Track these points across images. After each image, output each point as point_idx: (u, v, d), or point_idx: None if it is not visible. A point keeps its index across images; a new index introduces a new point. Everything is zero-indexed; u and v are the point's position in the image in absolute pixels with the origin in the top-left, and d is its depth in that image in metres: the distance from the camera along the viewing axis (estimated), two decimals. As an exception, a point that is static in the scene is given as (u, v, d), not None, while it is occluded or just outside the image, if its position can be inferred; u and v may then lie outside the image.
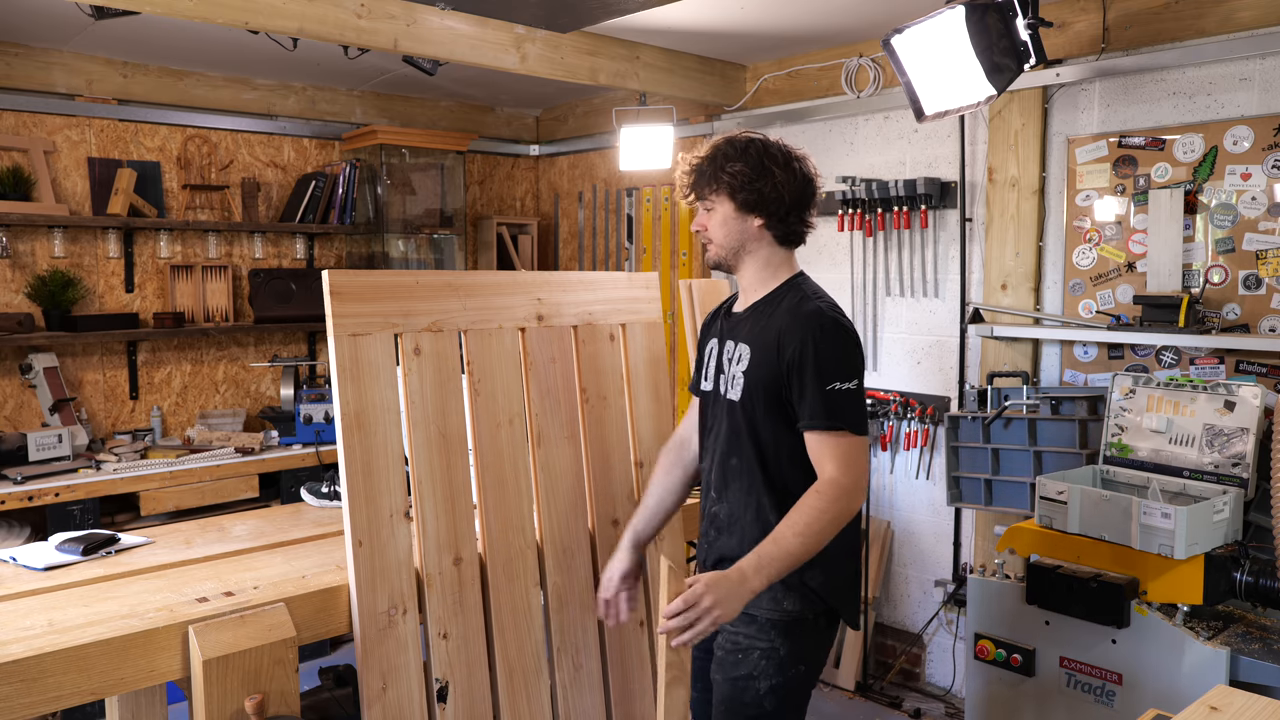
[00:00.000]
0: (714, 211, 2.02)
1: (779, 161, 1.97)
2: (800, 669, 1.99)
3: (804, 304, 1.96)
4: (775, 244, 2.03)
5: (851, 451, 1.88)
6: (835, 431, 1.88)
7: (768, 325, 1.98)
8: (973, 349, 3.66)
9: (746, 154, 1.97)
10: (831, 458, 1.88)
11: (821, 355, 1.89)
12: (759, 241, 2.02)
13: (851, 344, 1.93)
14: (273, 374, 4.65)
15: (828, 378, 1.88)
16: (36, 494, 3.43)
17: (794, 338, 1.91)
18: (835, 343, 1.90)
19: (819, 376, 1.88)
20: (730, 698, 2.01)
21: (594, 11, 3.39)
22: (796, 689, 1.99)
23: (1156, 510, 2.48)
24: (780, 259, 2.05)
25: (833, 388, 1.87)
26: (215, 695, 1.83)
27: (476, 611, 2.23)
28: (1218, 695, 1.73)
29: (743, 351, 2.01)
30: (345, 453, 2.03)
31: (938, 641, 3.87)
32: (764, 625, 1.98)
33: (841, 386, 1.88)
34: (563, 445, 2.45)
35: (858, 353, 1.94)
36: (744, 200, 1.98)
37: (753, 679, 1.98)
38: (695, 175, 2.03)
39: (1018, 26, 2.77)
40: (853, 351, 1.92)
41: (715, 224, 2.03)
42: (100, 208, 4.04)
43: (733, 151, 1.98)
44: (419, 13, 3.25)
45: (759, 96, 4.32)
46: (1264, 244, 2.96)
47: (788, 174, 1.97)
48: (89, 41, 3.82)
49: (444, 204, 4.95)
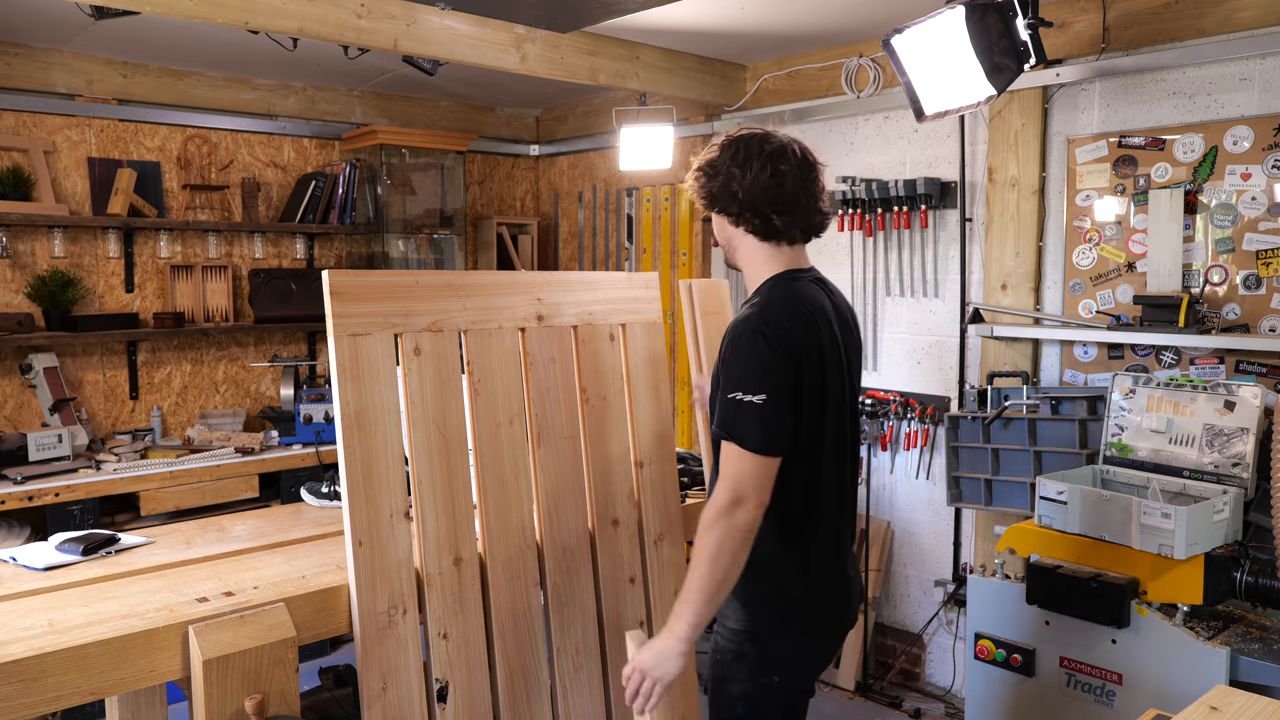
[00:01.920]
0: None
1: (739, 159, 1.92)
2: (774, 679, 1.96)
3: (748, 309, 1.90)
4: (756, 240, 1.98)
5: (737, 465, 1.80)
6: (729, 441, 1.82)
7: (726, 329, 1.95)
8: (973, 349, 3.66)
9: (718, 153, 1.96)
10: (722, 465, 1.83)
11: (731, 361, 1.84)
12: (739, 238, 2.00)
13: (764, 355, 1.81)
14: (273, 374, 4.65)
15: (730, 384, 1.83)
16: (36, 494, 3.43)
17: (722, 344, 1.90)
18: (745, 351, 1.83)
19: (725, 380, 1.84)
20: (711, 697, 2.06)
21: (594, 11, 3.39)
22: (770, 699, 1.96)
23: (1156, 510, 2.48)
24: (764, 255, 1.98)
25: (733, 397, 1.81)
26: (215, 695, 1.83)
27: (476, 611, 2.23)
28: (1218, 695, 1.73)
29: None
30: (345, 453, 2.03)
31: (938, 641, 3.87)
32: (735, 632, 2.00)
33: (740, 397, 1.80)
34: (563, 445, 2.45)
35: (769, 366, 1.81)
36: (705, 199, 1.98)
37: (726, 681, 2.00)
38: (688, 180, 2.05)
39: (1018, 26, 2.77)
40: (760, 363, 1.81)
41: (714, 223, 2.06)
42: (100, 208, 4.04)
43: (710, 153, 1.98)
44: (419, 13, 3.25)
45: (759, 96, 4.32)
46: (1264, 244, 2.96)
47: (744, 170, 1.91)
48: (89, 41, 3.82)
49: (444, 204, 4.95)
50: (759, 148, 1.92)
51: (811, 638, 2.00)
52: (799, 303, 1.91)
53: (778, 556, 1.95)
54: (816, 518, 1.98)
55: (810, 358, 1.87)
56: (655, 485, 2.66)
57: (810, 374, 1.87)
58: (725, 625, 2.03)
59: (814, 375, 1.88)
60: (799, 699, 2.08)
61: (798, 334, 1.85)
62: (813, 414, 1.90)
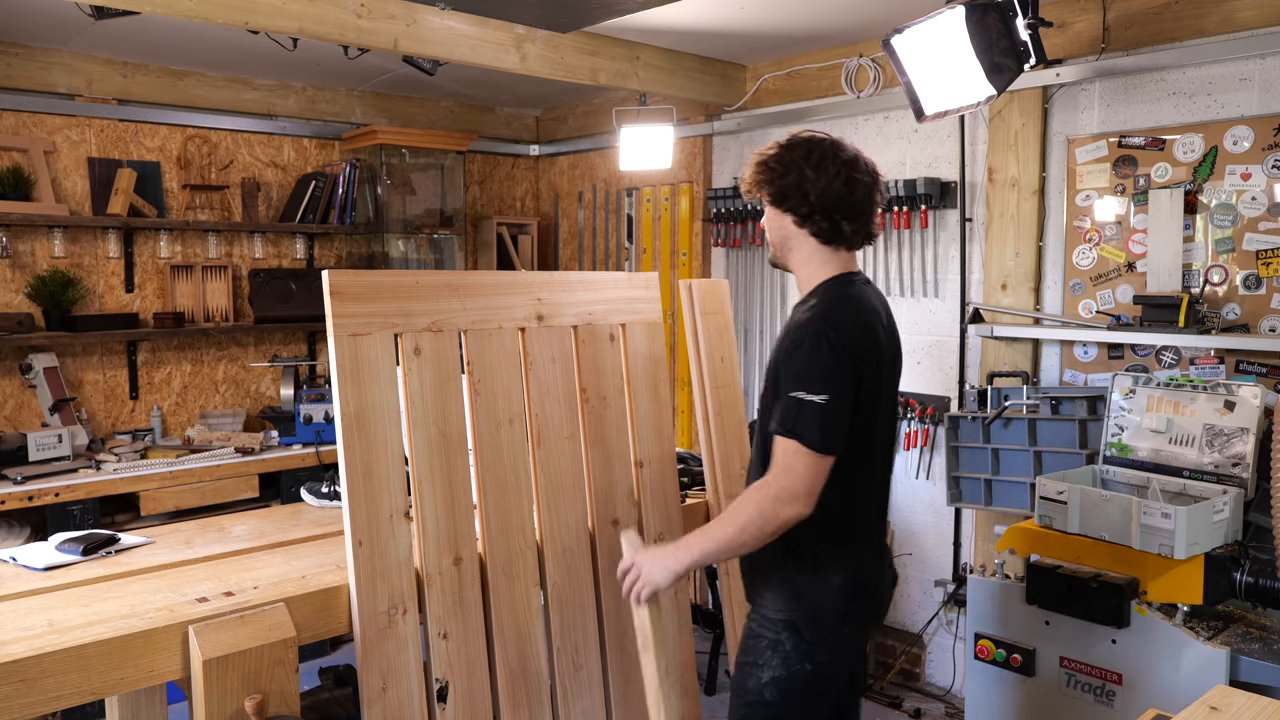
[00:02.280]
0: (766, 208, 2.07)
1: (812, 160, 1.96)
2: (806, 667, 1.98)
3: (810, 311, 1.95)
4: (817, 243, 2.02)
5: (793, 459, 1.85)
6: (788, 437, 1.86)
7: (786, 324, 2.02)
8: (973, 349, 3.66)
9: (787, 152, 2.00)
10: (775, 459, 1.89)
11: (794, 360, 1.89)
12: (798, 239, 2.03)
13: (827, 357, 1.86)
14: (273, 374, 4.65)
15: (791, 382, 1.88)
16: (36, 494, 3.43)
17: (784, 344, 1.94)
18: (808, 351, 1.88)
19: (785, 379, 1.90)
20: (737, 681, 2.08)
21: (594, 11, 3.39)
22: (803, 688, 1.99)
23: (1156, 510, 2.48)
24: (823, 258, 2.02)
25: (795, 395, 1.86)
26: (215, 695, 1.83)
27: (476, 611, 2.23)
28: (1218, 695, 1.73)
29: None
30: (345, 453, 2.03)
31: (938, 641, 3.87)
32: (772, 620, 2.02)
33: (802, 396, 1.85)
34: (563, 445, 2.45)
35: (832, 367, 1.86)
36: (773, 195, 2.02)
37: (756, 666, 2.02)
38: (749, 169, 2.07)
39: (1018, 26, 2.77)
40: (829, 364, 1.86)
41: (766, 220, 2.09)
42: (100, 208, 4.04)
43: (776, 149, 2.02)
44: (419, 13, 3.25)
45: (759, 96, 4.32)
46: (1264, 244, 2.96)
47: (819, 173, 1.96)
48: (89, 41, 3.82)
49: (444, 204, 4.95)
50: (833, 153, 1.98)
51: (850, 628, 2.04)
52: (859, 306, 1.98)
53: (825, 551, 2.00)
54: (864, 514, 2.06)
55: (870, 361, 1.94)
56: (655, 485, 2.66)
57: (869, 377, 1.94)
58: (762, 613, 2.05)
59: (872, 379, 1.95)
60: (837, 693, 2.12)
61: (859, 337, 1.92)
62: (868, 414, 1.97)
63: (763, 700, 2.01)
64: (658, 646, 2.07)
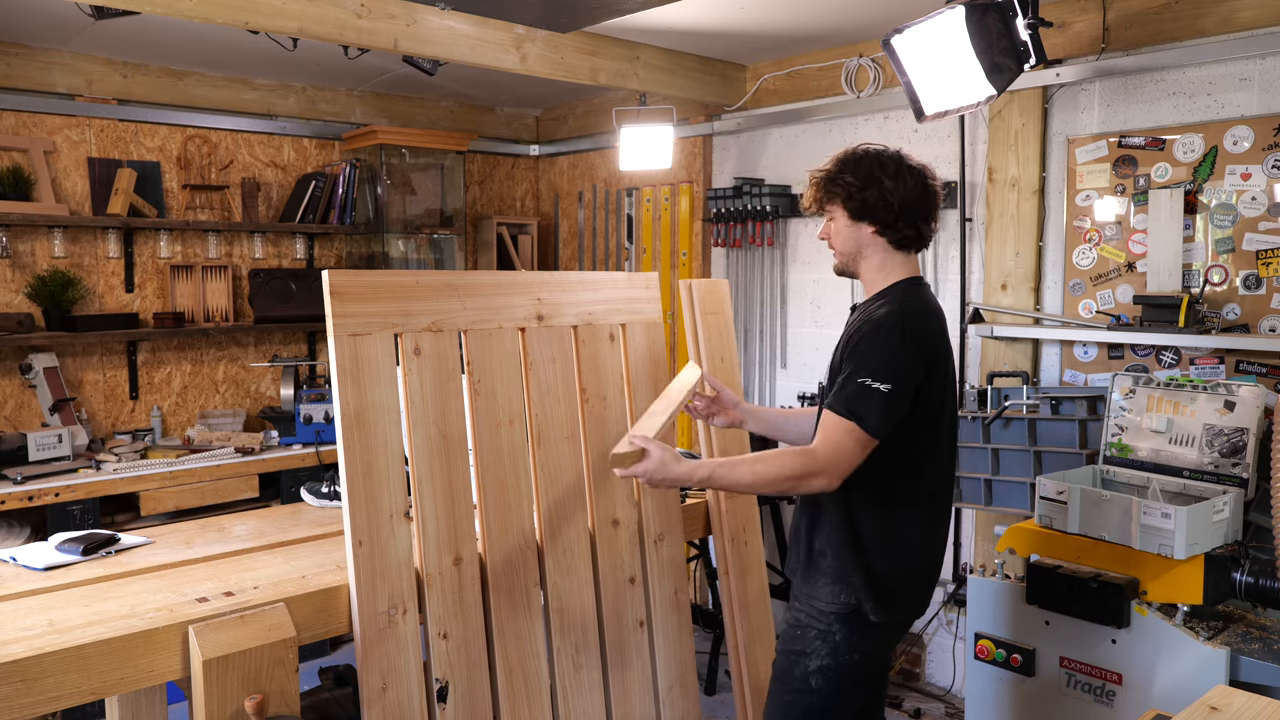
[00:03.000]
0: (834, 221, 2.14)
1: (889, 171, 2.06)
2: (855, 658, 2.07)
3: (888, 304, 2.05)
4: (891, 248, 2.11)
5: (845, 439, 1.94)
6: (846, 418, 1.95)
7: (854, 320, 2.09)
8: (973, 349, 3.66)
9: (859, 165, 2.08)
10: (823, 434, 1.97)
11: (867, 349, 1.98)
12: (873, 247, 2.11)
13: (899, 350, 1.96)
14: (273, 374, 4.65)
15: (861, 370, 1.96)
16: (36, 494, 3.43)
17: (858, 333, 2.02)
18: (884, 342, 1.97)
19: (856, 366, 1.97)
20: (782, 669, 2.14)
21: (594, 11, 3.39)
22: (847, 677, 2.08)
23: (1156, 510, 2.48)
24: (896, 262, 2.12)
25: (862, 381, 1.94)
26: (215, 695, 1.83)
27: (476, 611, 2.23)
28: (1218, 695, 1.73)
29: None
30: (345, 453, 2.03)
31: (938, 641, 3.87)
32: (824, 613, 2.08)
33: (868, 383, 1.94)
34: (563, 445, 2.45)
35: (907, 360, 1.97)
36: (854, 209, 2.09)
37: (804, 655, 2.09)
38: (815, 188, 2.15)
39: (1018, 26, 2.77)
40: (899, 356, 1.96)
41: (834, 232, 2.15)
42: (100, 208, 4.04)
43: (847, 164, 2.10)
44: (419, 13, 3.25)
45: (759, 96, 4.32)
46: (1264, 244, 2.96)
47: (897, 183, 2.05)
48: (89, 41, 3.82)
49: (444, 204, 4.95)
50: (903, 162, 2.09)
51: (901, 615, 2.13)
52: (934, 307, 2.12)
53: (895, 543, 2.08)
54: (937, 507, 2.14)
55: (943, 360, 2.07)
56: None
57: (941, 376, 2.06)
58: (813, 605, 2.11)
59: (943, 373, 2.07)
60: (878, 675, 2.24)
61: (934, 337, 2.06)
62: (942, 410, 2.07)
63: (809, 688, 2.09)
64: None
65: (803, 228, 4.21)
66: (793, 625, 2.15)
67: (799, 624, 2.13)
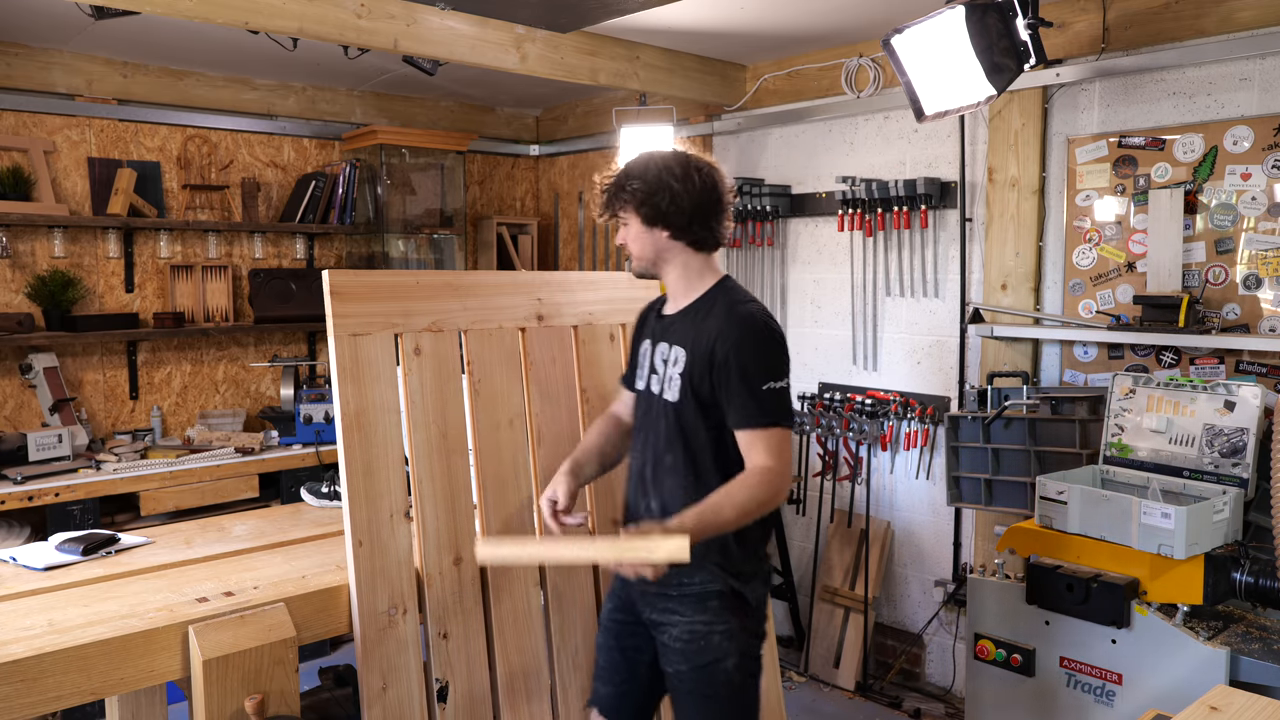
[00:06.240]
0: (628, 227, 2.13)
1: (676, 175, 2.06)
2: (753, 640, 2.11)
3: (735, 308, 2.05)
4: (691, 250, 2.11)
5: (780, 442, 1.99)
6: (767, 428, 1.98)
7: (701, 329, 2.06)
8: (973, 349, 3.66)
9: (646, 171, 2.08)
10: (763, 448, 1.99)
11: (754, 358, 1.99)
12: (672, 250, 2.11)
13: (779, 346, 2.03)
14: (273, 374, 4.65)
15: (760, 379, 1.98)
16: (36, 494, 3.43)
17: (727, 342, 2.00)
18: (765, 345, 2.00)
19: (752, 377, 1.98)
20: (699, 682, 2.07)
21: (594, 11, 3.39)
22: (753, 656, 2.12)
23: (1156, 510, 2.48)
24: (700, 264, 2.13)
25: (767, 388, 1.98)
26: (215, 695, 1.83)
27: (476, 611, 2.23)
28: (1218, 695, 1.73)
29: (678, 354, 2.09)
30: (345, 453, 2.04)
31: (938, 641, 3.87)
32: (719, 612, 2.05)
33: (774, 386, 1.98)
34: (563, 445, 2.45)
35: (784, 354, 2.04)
36: (646, 215, 2.08)
37: (719, 661, 2.06)
38: (604, 195, 2.15)
39: (1018, 26, 2.77)
40: (780, 353, 2.03)
41: (630, 238, 2.13)
42: (100, 208, 4.04)
43: (634, 169, 2.10)
44: (419, 13, 3.25)
45: (759, 96, 4.32)
46: (1264, 244, 2.96)
47: (685, 185, 2.05)
48: (89, 41, 3.82)
49: (444, 204, 4.95)
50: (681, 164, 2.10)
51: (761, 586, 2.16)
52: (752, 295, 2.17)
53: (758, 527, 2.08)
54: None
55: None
56: (655, 485, 2.66)
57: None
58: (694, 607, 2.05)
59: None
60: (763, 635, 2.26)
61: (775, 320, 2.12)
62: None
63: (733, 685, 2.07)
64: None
65: (803, 228, 4.21)
66: (690, 640, 2.06)
67: (697, 635, 2.05)
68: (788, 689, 3.87)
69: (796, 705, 3.74)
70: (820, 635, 4.01)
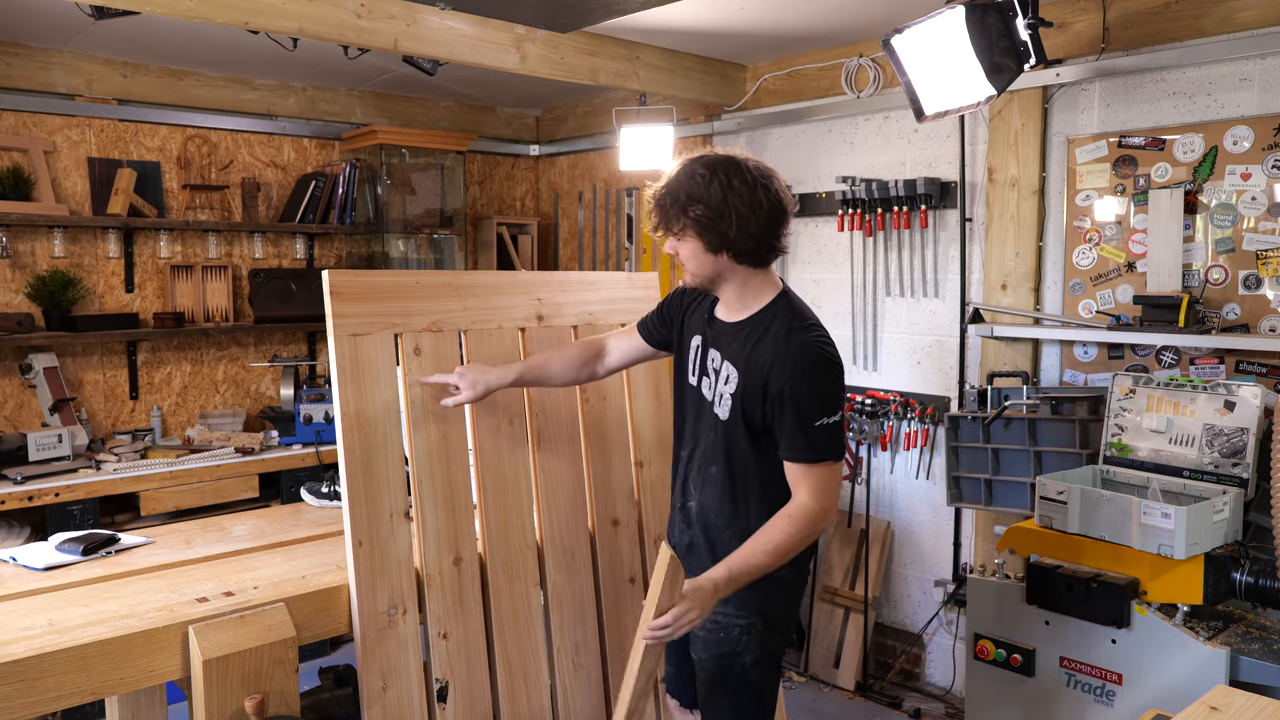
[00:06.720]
0: (683, 243, 1.99)
1: (743, 198, 1.91)
2: (778, 638, 2.11)
3: (793, 335, 1.96)
4: (751, 268, 2.01)
5: (828, 480, 1.96)
6: (815, 464, 1.94)
7: (755, 353, 1.98)
8: (973, 349, 3.66)
9: (709, 194, 1.91)
10: (808, 485, 1.95)
11: (808, 393, 1.93)
12: (733, 270, 2.00)
13: (835, 377, 1.97)
14: (273, 374, 4.65)
15: (813, 414, 1.93)
16: (36, 494, 3.43)
17: (782, 375, 1.93)
18: (821, 379, 1.94)
19: (805, 412, 1.93)
20: (717, 674, 2.10)
21: (594, 11, 3.39)
22: (775, 653, 2.12)
23: (1156, 510, 2.48)
24: (759, 280, 2.04)
25: (820, 423, 1.93)
26: (215, 695, 1.83)
27: (476, 611, 2.23)
28: (1218, 695, 1.73)
29: (730, 372, 2.03)
30: (345, 453, 2.04)
31: (938, 641, 3.87)
32: (741, 603, 2.04)
33: (827, 421, 1.93)
34: (563, 445, 2.45)
35: (841, 384, 1.99)
36: (710, 242, 1.95)
37: (737, 654, 2.06)
38: (660, 213, 1.99)
39: (1018, 26, 2.77)
40: (836, 385, 1.97)
41: (686, 255, 2.00)
42: (100, 208, 4.04)
43: (695, 189, 1.92)
44: (419, 13, 3.25)
45: (759, 96, 4.32)
46: (1264, 244, 2.96)
47: (752, 208, 1.91)
48: (89, 41, 3.82)
49: (444, 204, 4.95)
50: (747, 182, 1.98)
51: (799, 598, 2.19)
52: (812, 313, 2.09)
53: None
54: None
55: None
56: (655, 485, 2.67)
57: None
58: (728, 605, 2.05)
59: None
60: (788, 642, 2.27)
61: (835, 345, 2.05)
62: None
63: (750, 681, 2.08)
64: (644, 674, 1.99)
65: (803, 228, 4.21)
66: (713, 630, 2.07)
67: (719, 626, 2.07)
68: (788, 689, 3.87)
69: (796, 705, 3.74)
70: (820, 635, 4.01)
